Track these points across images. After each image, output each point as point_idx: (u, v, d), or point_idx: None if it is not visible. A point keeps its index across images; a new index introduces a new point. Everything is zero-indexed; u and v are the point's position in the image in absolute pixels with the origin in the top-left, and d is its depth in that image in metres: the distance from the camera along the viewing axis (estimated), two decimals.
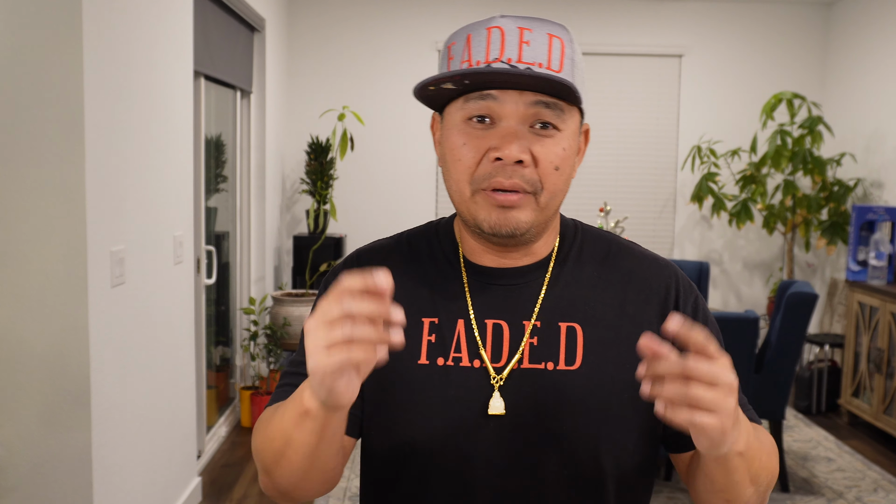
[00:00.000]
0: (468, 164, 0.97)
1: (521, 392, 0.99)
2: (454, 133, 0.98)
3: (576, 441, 0.98)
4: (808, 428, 4.64)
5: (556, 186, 0.97)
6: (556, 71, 0.94)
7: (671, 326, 0.78)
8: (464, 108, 0.97)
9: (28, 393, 2.19)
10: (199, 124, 3.67)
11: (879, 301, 4.40)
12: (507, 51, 0.93)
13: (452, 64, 0.98)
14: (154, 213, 2.77)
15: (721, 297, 6.04)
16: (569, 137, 0.98)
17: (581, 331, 1.01)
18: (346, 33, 5.77)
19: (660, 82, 5.90)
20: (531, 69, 0.92)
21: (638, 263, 1.07)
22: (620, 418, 1.00)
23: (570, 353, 1.00)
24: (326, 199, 5.26)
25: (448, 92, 0.97)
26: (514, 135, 0.94)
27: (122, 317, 2.48)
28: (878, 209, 4.73)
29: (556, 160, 0.96)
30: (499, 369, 1.00)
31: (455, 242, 1.07)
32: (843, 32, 5.69)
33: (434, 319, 1.02)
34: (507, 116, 0.95)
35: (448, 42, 1.00)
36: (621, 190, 5.94)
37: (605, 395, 0.99)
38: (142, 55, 2.63)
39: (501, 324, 1.02)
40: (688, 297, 1.06)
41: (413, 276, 1.05)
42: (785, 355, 3.66)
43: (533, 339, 1.01)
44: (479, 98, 0.95)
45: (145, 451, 2.74)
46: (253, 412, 4.38)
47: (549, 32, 0.95)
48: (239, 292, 4.74)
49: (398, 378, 1.01)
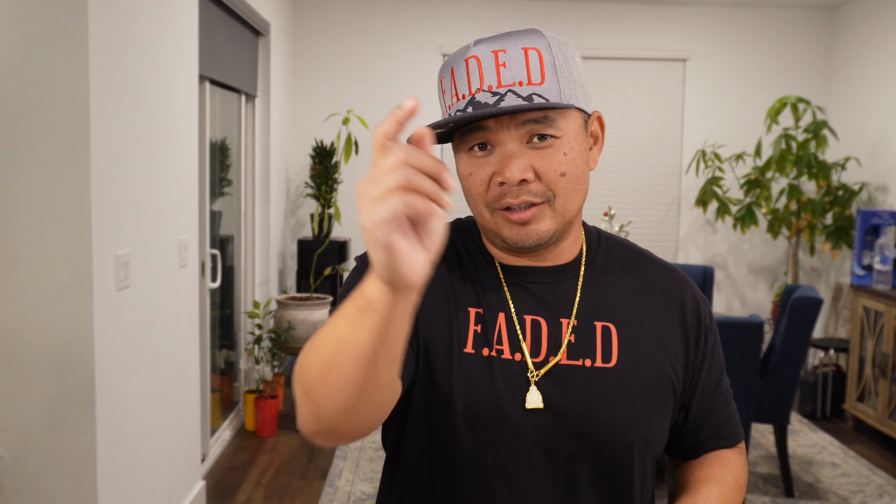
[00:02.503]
0: (479, 192, 1.01)
1: (558, 387, 1.02)
2: (461, 164, 1.03)
3: (610, 436, 1.02)
4: (813, 433, 4.63)
5: (567, 190, 1.00)
6: (538, 83, 0.96)
7: None
8: (463, 140, 1.01)
9: (33, 396, 2.19)
10: (204, 128, 3.68)
11: (884, 305, 4.38)
12: (487, 79, 0.97)
13: (445, 97, 1.02)
14: (159, 217, 2.78)
15: (725, 301, 6.03)
16: (570, 140, 1.00)
17: (615, 331, 1.06)
18: (351, 37, 5.78)
19: (664, 86, 5.90)
20: (513, 91, 0.95)
21: (659, 271, 1.14)
22: (651, 415, 1.05)
23: (606, 351, 1.04)
24: (331, 202, 5.26)
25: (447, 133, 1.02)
26: (512, 157, 0.97)
27: (127, 320, 2.48)
28: (882, 213, 4.72)
29: (559, 167, 0.99)
30: (537, 364, 1.03)
31: (482, 242, 1.11)
32: (848, 36, 5.69)
33: (479, 310, 1.05)
34: (502, 141, 0.98)
35: (440, 76, 1.04)
36: (625, 194, 5.93)
37: (638, 392, 1.04)
38: (147, 59, 2.64)
39: (539, 320, 1.05)
40: (707, 310, 1.14)
41: (457, 269, 1.08)
42: (789, 360, 3.65)
43: (571, 336, 1.04)
44: (473, 130, 0.99)
45: (150, 455, 2.74)
46: (257, 416, 4.38)
47: (523, 47, 0.97)
48: (243, 296, 4.74)
49: (444, 363, 1.02)
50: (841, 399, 4.96)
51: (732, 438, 1.16)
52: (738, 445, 1.17)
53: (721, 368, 1.15)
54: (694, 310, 1.11)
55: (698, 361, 1.11)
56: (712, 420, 1.14)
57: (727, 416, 1.15)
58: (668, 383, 1.07)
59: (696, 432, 1.14)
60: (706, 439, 1.14)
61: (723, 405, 1.15)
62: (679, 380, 1.08)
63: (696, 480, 1.09)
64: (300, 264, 5.32)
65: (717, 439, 1.15)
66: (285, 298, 4.87)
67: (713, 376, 1.13)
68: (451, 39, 5.77)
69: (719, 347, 1.15)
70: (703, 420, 1.13)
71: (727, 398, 1.16)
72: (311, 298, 4.91)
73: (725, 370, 1.17)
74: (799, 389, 5.00)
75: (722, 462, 1.13)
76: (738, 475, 1.12)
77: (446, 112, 1.03)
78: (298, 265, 5.35)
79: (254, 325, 4.57)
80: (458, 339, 1.03)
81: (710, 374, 1.13)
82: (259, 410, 4.37)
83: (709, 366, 1.12)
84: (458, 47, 5.70)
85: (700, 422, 1.13)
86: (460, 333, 1.03)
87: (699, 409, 1.12)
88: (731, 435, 1.16)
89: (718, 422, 1.14)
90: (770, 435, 4.53)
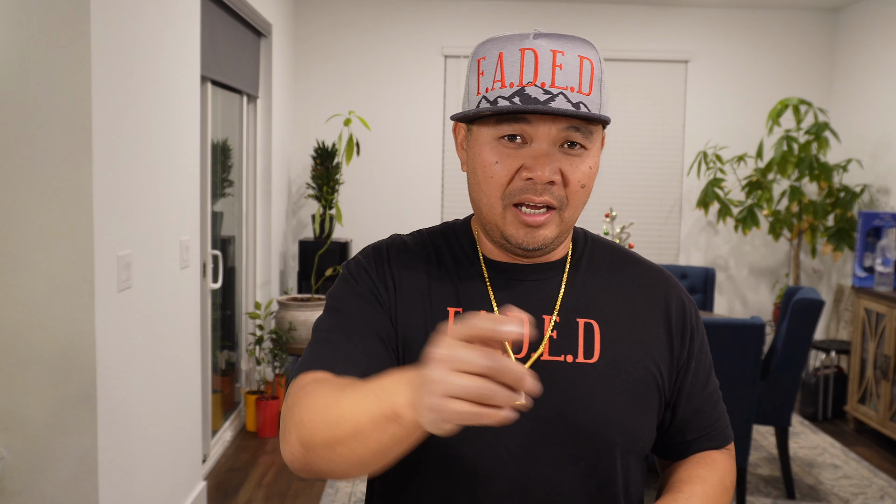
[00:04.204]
0: (501, 182, 1.00)
1: (540, 383, 1.01)
2: (486, 150, 1.00)
3: (591, 432, 1.03)
4: (815, 435, 4.63)
5: (579, 202, 1.02)
6: (587, 94, 0.97)
7: None
8: (497, 128, 0.99)
9: (34, 396, 2.19)
10: (206, 129, 3.68)
11: (886, 307, 4.38)
12: (541, 75, 0.96)
13: (483, 80, 0.99)
14: (160, 218, 2.78)
15: (727, 303, 6.03)
16: (594, 154, 1.02)
17: (598, 327, 1.07)
18: (353, 38, 5.78)
19: (666, 88, 5.90)
20: (564, 94, 0.95)
21: (643, 271, 1.15)
22: (632, 413, 1.05)
23: (588, 347, 1.05)
24: (332, 203, 5.27)
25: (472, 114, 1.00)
26: (547, 156, 0.97)
27: (129, 321, 2.48)
28: (884, 215, 4.72)
29: (583, 178, 1.01)
30: (519, 360, 1.04)
31: (473, 241, 1.12)
32: (850, 38, 5.68)
33: (459, 309, 1.06)
34: (539, 139, 0.98)
35: (477, 55, 1.02)
36: (627, 195, 5.93)
37: (620, 388, 1.05)
38: (149, 60, 2.64)
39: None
40: (693, 310, 1.15)
41: (436, 270, 1.09)
42: (791, 362, 3.65)
43: (553, 332, 1.05)
44: (513, 120, 0.98)
45: (151, 455, 2.74)
46: (258, 416, 4.39)
47: (580, 54, 0.98)
48: (245, 297, 4.75)
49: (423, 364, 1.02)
50: (842, 401, 4.95)
51: (720, 440, 1.16)
52: (726, 447, 1.17)
53: (709, 369, 1.15)
54: (679, 309, 1.12)
55: (684, 360, 1.11)
56: (700, 420, 1.14)
57: (715, 417, 1.15)
58: (652, 380, 1.07)
59: (683, 432, 1.14)
60: (694, 440, 1.14)
61: (710, 406, 1.15)
62: (664, 378, 1.09)
63: (679, 480, 1.09)
64: (301, 265, 5.32)
65: (705, 440, 1.15)
66: (286, 299, 4.87)
67: (700, 376, 1.13)
68: (453, 41, 5.77)
69: (707, 348, 1.16)
70: (690, 420, 1.13)
71: (715, 399, 1.16)
72: (312, 299, 4.91)
73: (714, 371, 1.17)
74: (800, 391, 5.00)
75: (708, 462, 1.12)
76: (724, 476, 1.12)
77: (478, 93, 1.00)
78: (300, 266, 5.35)
79: (255, 325, 4.57)
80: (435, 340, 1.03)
81: (698, 374, 1.13)
82: (260, 411, 4.37)
83: (696, 365, 1.12)
84: (459, 48, 5.72)
85: (687, 422, 1.13)
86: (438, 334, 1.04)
87: (686, 409, 1.12)
88: (719, 436, 1.16)
89: (706, 422, 1.14)
90: (771, 437, 4.53)
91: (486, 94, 0.98)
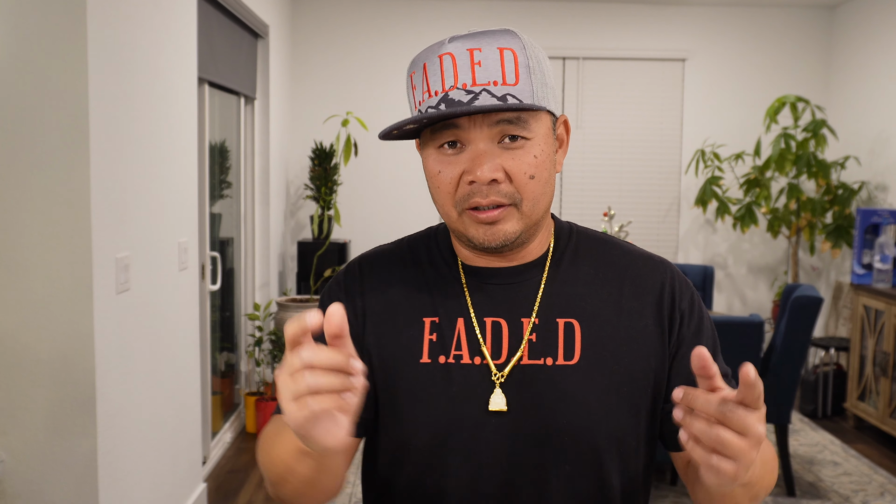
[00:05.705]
0: (448, 190, 1.00)
1: (521, 388, 1.01)
2: (430, 161, 1.01)
3: (576, 434, 1.00)
4: (814, 432, 4.63)
5: (534, 193, 0.99)
6: (513, 84, 0.96)
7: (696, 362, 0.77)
8: (434, 138, 1.00)
9: (33, 399, 2.19)
10: (204, 131, 3.68)
11: (885, 304, 4.39)
12: (461, 76, 0.96)
13: (416, 94, 1.01)
14: (159, 220, 2.78)
15: (726, 300, 6.03)
16: (540, 142, 0.99)
17: (579, 326, 1.03)
18: (350, 39, 5.78)
19: (663, 86, 5.90)
20: (487, 90, 0.95)
21: (633, 261, 1.10)
22: (619, 412, 1.02)
23: (568, 348, 1.02)
24: (330, 204, 5.26)
25: (414, 130, 1.00)
26: (484, 156, 0.97)
27: (128, 323, 2.48)
28: (882, 212, 4.72)
29: (529, 169, 0.98)
30: (499, 366, 1.02)
31: (452, 246, 1.11)
32: (847, 36, 5.69)
33: (434, 319, 1.05)
34: (473, 140, 0.97)
35: (409, 71, 1.03)
36: (625, 194, 5.93)
37: (603, 388, 1.01)
38: (146, 62, 2.64)
39: (500, 321, 1.04)
40: (683, 294, 1.08)
41: (414, 279, 1.09)
42: (790, 359, 3.65)
43: (532, 335, 1.03)
44: (443, 128, 0.98)
45: (151, 458, 2.74)
46: (258, 418, 4.38)
47: (499, 46, 0.97)
48: (243, 298, 4.74)
49: (401, 378, 1.03)
50: (842, 398, 4.96)
51: None
52: None
53: (713, 350, 1.07)
54: (669, 295, 1.07)
55: (674, 347, 1.05)
56: None
57: None
58: (640, 375, 1.03)
59: None
60: None
61: None
62: (657, 370, 1.04)
63: None
64: (300, 266, 5.32)
65: None
66: (285, 300, 4.87)
67: None
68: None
69: (708, 332, 1.08)
70: None
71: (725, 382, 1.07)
72: (311, 300, 4.91)
73: (720, 354, 1.09)
74: (800, 389, 5.00)
75: None
76: (768, 453, 1.01)
77: (416, 108, 1.01)
78: (298, 267, 5.35)
79: (254, 327, 4.57)
80: (411, 353, 1.03)
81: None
82: (260, 412, 4.37)
83: (689, 350, 1.04)
84: None
85: None
86: (413, 346, 1.04)
87: None
88: None
89: None
90: (771, 434, 4.53)
91: (420, 107, 0.99)
